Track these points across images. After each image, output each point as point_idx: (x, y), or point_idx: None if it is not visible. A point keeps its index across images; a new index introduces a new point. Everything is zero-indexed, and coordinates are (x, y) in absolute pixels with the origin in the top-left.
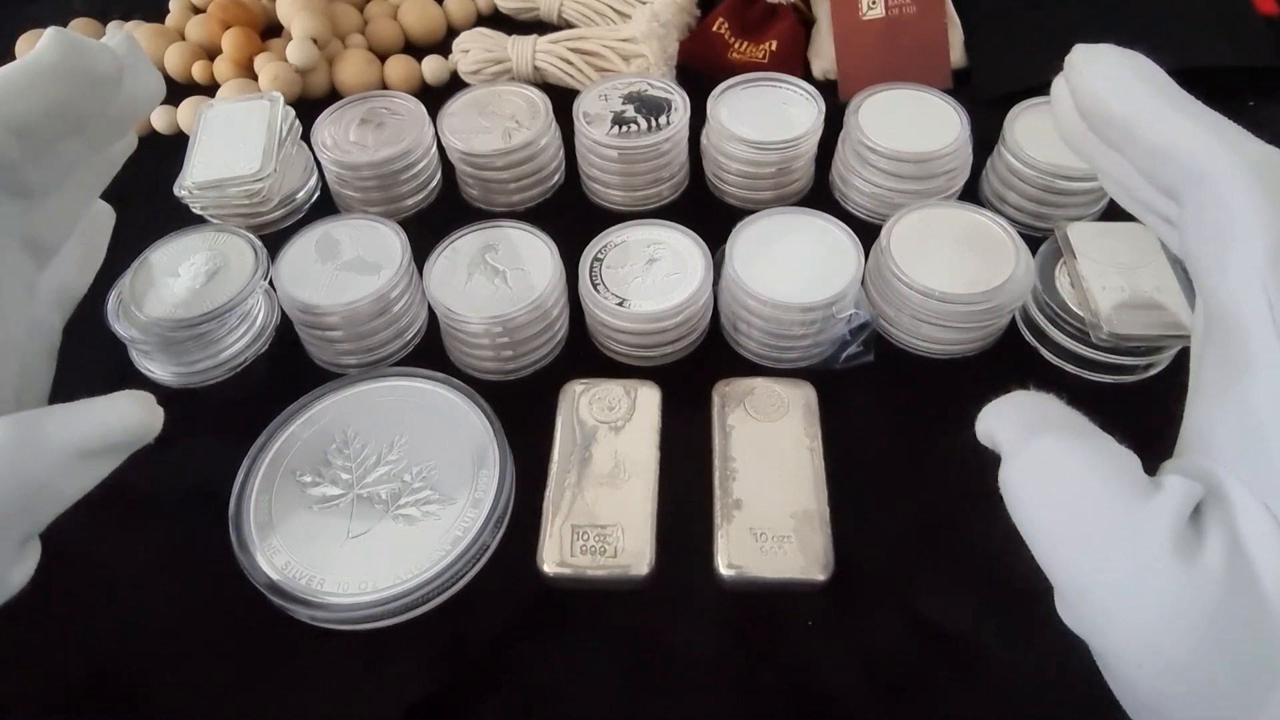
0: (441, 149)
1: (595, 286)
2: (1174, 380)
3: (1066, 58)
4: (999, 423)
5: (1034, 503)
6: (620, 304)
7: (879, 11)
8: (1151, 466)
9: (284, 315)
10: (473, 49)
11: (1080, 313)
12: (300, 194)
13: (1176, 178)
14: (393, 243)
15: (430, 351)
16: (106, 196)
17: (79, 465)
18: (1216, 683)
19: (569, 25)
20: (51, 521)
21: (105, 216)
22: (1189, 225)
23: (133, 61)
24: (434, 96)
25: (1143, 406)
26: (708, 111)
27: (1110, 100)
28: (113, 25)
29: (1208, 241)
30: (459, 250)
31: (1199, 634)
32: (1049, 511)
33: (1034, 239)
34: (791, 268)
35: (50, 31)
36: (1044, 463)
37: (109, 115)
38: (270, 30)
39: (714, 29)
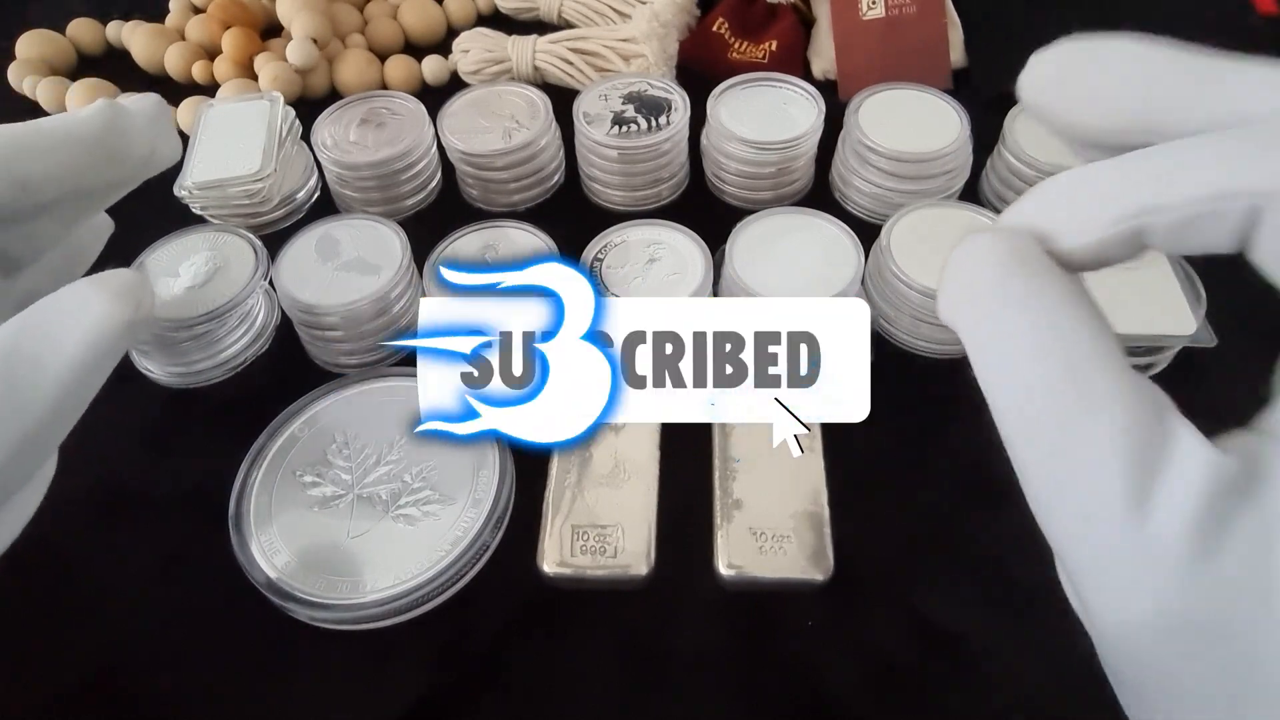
0: (441, 149)
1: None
2: (1174, 380)
3: None
4: (962, 308)
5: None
6: None
7: (879, 11)
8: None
9: (284, 315)
10: (473, 49)
11: None
12: (300, 194)
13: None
14: (393, 243)
15: None
16: None
17: (69, 409)
18: (1209, 694)
19: (569, 25)
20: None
21: (103, 227)
22: None
23: (159, 128)
24: (434, 96)
25: None
26: (708, 111)
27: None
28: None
29: None
30: (459, 250)
31: (1198, 643)
32: (1039, 469)
33: None
34: (791, 268)
35: (101, 103)
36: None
37: (118, 180)
38: (270, 30)
39: (714, 29)
